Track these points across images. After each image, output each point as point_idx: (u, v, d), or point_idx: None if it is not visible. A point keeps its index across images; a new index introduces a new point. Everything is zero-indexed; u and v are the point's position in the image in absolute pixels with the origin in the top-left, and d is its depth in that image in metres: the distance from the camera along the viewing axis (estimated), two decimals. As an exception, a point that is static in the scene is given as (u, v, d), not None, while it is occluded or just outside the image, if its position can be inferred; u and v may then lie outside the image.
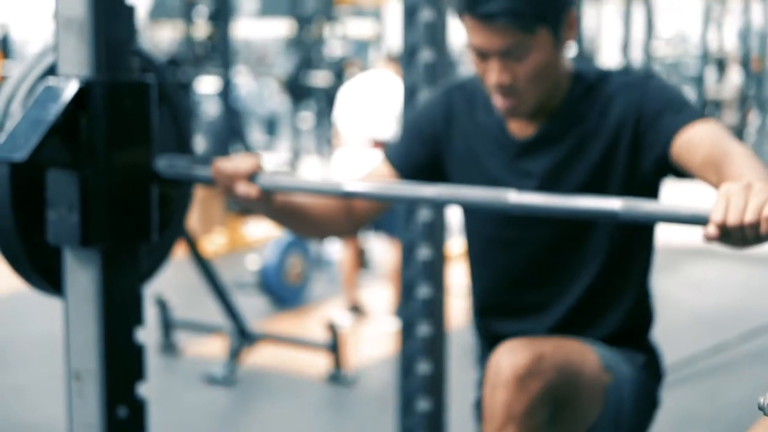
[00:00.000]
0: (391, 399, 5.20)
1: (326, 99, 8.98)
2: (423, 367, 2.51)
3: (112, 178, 1.62)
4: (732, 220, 1.23)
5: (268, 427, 4.48)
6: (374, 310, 6.54)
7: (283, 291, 6.54)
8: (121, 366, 1.68)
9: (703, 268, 7.76)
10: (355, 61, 10.05)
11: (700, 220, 1.27)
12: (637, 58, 8.96)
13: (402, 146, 1.92)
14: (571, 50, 2.01)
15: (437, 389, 2.52)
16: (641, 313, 1.94)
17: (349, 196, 1.64)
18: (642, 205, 1.34)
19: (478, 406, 2.01)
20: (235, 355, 5.08)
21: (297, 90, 8.58)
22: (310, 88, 8.70)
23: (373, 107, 5.93)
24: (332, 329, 5.14)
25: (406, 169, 1.89)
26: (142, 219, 1.69)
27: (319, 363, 5.32)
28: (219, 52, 7.70)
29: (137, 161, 1.67)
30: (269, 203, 1.73)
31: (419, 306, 2.49)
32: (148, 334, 5.35)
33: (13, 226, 1.68)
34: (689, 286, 7.34)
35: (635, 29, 8.36)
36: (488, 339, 1.97)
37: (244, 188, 1.68)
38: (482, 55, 1.71)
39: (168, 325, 5.54)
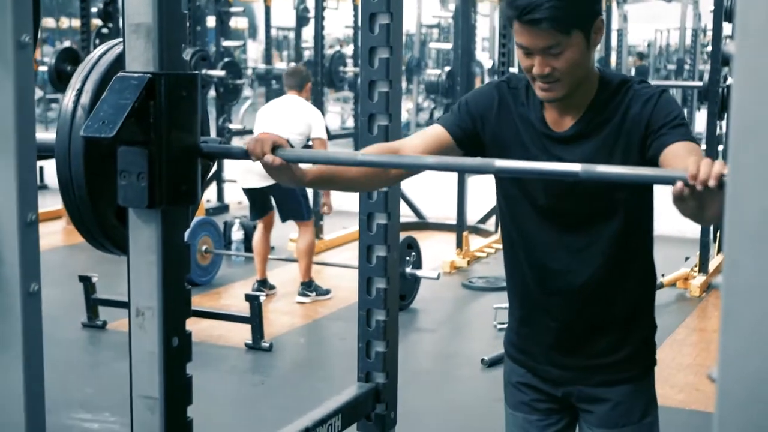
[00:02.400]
0: (305, 362, 5.68)
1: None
2: (379, 316, 2.96)
3: (171, 153, 2.02)
4: (703, 174, 1.64)
5: (199, 391, 4.84)
6: (282, 286, 6.97)
7: (193, 271, 6.88)
8: (174, 304, 2.08)
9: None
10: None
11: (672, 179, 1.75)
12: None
13: (454, 117, 2.32)
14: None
15: (392, 334, 2.98)
16: (649, 280, 2.40)
17: (361, 164, 2.08)
18: (596, 168, 1.84)
19: (507, 344, 2.48)
20: (161, 327, 5.42)
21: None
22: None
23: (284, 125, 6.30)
24: (251, 301, 5.55)
25: (456, 131, 2.29)
26: (191, 186, 2.09)
27: (238, 333, 5.73)
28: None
29: (188, 140, 2.07)
30: (294, 174, 2.14)
31: (377, 264, 2.94)
32: (73, 312, 5.69)
33: (86, 194, 2.07)
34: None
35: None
36: (520, 289, 2.40)
37: (270, 158, 2.10)
38: (528, 51, 2.14)
39: (93, 301, 5.84)
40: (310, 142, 6.38)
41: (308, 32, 11.07)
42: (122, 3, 2.04)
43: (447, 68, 9.96)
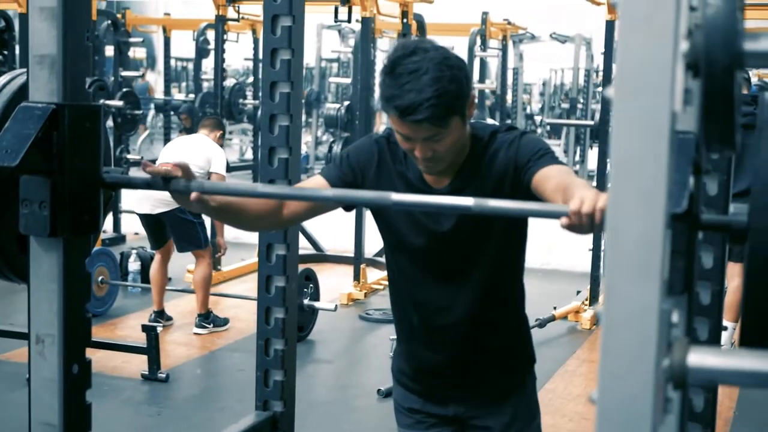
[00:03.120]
0: (202, 392, 5.66)
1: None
2: (278, 345, 3.01)
3: (74, 183, 2.04)
4: (586, 208, 1.76)
5: (95, 422, 4.79)
6: (180, 317, 6.93)
7: (90, 302, 6.79)
8: (74, 332, 2.10)
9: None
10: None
11: (558, 214, 1.85)
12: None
13: (336, 170, 2.37)
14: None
15: (290, 363, 3.03)
16: (521, 303, 2.54)
17: (263, 196, 2.14)
18: (488, 203, 1.93)
19: (397, 371, 2.60)
20: (55, 358, 5.34)
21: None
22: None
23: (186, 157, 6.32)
24: (147, 332, 5.52)
25: (338, 184, 2.35)
26: (93, 215, 2.12)
27: (134, 365, 5.69)
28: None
29: (91, 170, 2.10)
30: (205, 202, 2.18)
31: (276, 294, 2.99)
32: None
33: (-15, 222, 2.08)
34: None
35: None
36: (405, 323, 2.52)
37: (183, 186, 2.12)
38: (408, 138, 2.21)
39: (-16, 332, 5.72)
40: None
41: (208, 63, 11.07)
42: (19, 32, 2.06)
43: (346, 103, 10.06)
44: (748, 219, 1.47)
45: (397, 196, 2.00)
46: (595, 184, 7.33)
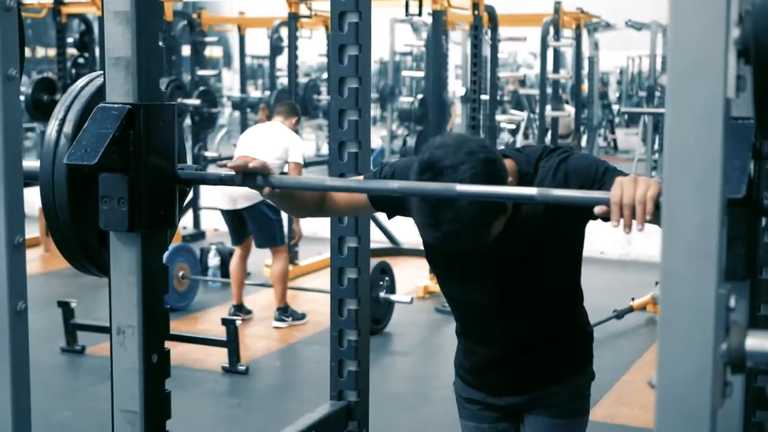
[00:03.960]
0: (281, 384, 5.76)
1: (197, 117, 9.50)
2: (351, 336, 3.06)
3: (150, 179, 2.13)
4: (626, 199, 1.75)
5: (176, 413, 4.91)
6: (259, 310, 7.06)
7: (170, 297, 6.95)
8: (153, 323, 2.18)
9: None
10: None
11: (597, 202, 1.87)
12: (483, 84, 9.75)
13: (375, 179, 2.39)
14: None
15: (363, 354, 3.08)
16: (578, 300, 2.51)
17: (332, 189, 2.21)
18: (552, 192, 1.95)
19: (457, 365, 2.62)
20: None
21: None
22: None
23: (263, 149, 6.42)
24: (227, 325, 5.64)
25: (377, 199, 2.37)
26: (169, 211, 2.20)
27: (215, 358, 5.81)
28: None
29: (166, 166, 2.18)
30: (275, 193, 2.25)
31: (349, 286, 3.04)
32: (52, 336, 5.76)
33: (69, 218, 2.17)
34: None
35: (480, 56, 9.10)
36: (457, 321, 2.57)
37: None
38: None
39: (71, 326, 5.91)
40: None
41: (282, 60, 11.19)
42: (99, 35, 2.15)
43: (420, 96, 10.09)
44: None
45: (461, 187, 2.03)
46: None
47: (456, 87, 17.17)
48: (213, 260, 7.89)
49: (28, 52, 20.76)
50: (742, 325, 1.30)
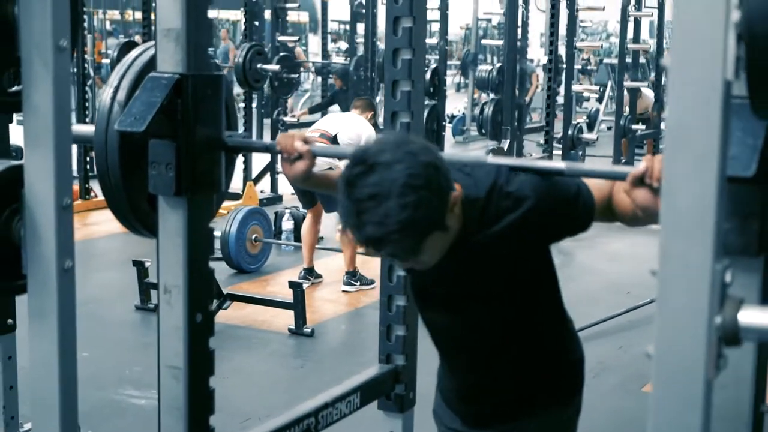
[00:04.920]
0: (345, 348, 5.88)
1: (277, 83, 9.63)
2: (400, 302, 3.14)
3: (196, 146, 2.22)
4: (657, 168, 1.76)
5: (243, 372, 5.08)
6: (329, 275, 7.18)
7: (243, 259, 7.11)
8: (198, 284, 2.28)
9: (617, 242, 8.53)
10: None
11: (624, 175, 1.90)
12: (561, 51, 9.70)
13: None
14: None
15: (412, 319, 3.16)
16: (557, 328, 2.33)
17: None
18: (580, 166, 2.00)
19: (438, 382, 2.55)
20: (209, 311, 5.67)
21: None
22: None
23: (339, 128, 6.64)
24: (294, 288, 5.76)
25: None
26: (215, 176, 2.29)
27: (282, 319, 5.95)
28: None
29: (213, 134, 2.27)
30: (304, 171, 2.32)
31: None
32: (127, 294, 5.94)
33: (120, 182, 2.28)
34: (605, 258, 8.12)
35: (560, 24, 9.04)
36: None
37: (299, 144, 2.26)
38: None
39: (145, 285, 6.10)
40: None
41: (363, 27, 11.26)
42: (155, 8, 2.24)
43: (498, 64, 10.08)
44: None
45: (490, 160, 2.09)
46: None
47: (540, 55, 17.06)
48: (287, 224, 8.02)
49: (118, 16, 21.18)
50: (737, 300, 1.33)
